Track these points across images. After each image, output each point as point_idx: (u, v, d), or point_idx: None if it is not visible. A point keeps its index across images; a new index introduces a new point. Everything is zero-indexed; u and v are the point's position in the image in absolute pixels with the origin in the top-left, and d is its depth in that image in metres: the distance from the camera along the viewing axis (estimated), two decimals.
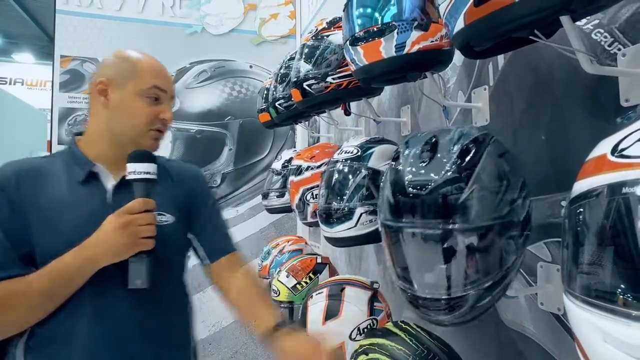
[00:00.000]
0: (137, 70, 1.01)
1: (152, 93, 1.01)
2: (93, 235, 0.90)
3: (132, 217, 0.90)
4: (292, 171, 1.44)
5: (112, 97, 1.00)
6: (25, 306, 0.87)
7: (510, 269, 0.69)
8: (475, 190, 0.65)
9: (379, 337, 0.89)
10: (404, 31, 0.83)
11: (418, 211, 0.70)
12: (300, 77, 1.26)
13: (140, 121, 1.00)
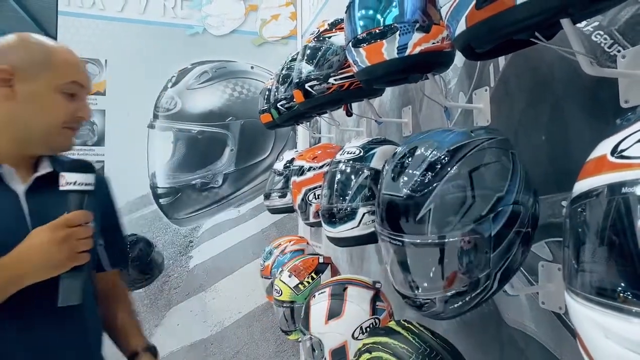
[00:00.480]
0: (53, 61, 0.92)
1: (70, 88, 0.93)
2: (16, 250, 0.82)
3: (71, 231, 0.84)
4: (294, 172, 1.45)
5: (20, 89, 0.89)
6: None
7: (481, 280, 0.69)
8: (433, 209, 0.66)
9: (382, 335, 0.90)
10: (406, 33, 0.84)
11: (386, 221, 0.72)
12: (302, 78, 1.27)
13: (56, 118, 0.92)
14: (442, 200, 0.66)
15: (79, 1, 2.62)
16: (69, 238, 0.84)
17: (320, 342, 1.21)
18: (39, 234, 0.83)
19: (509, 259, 0.68)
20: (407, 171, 0.70)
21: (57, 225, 0.84)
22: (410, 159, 0.72)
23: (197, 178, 2.68)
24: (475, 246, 0.66)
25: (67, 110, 0.93)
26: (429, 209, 0.66)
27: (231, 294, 2.71)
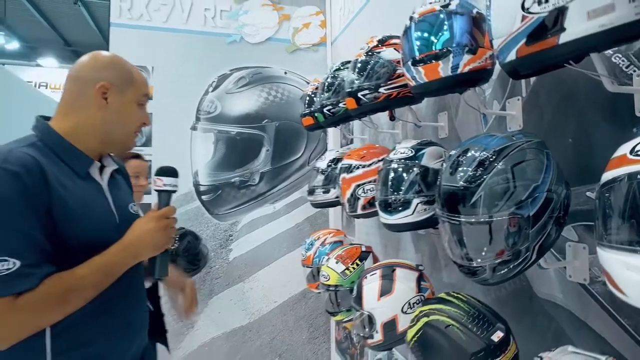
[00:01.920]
0: (134, 79, 1.11)
1: (142, 100, 1.13)
2: (131, 235, 1.03)
3: (169, 221, 1.08)
4: (343, 169, 1.64)
5: (112, 101, 1.06)
6: (81, 299, 0.95)
7: (522, 252, 0.87)
8: (483, 195, 0.85)
9: (436, 303, 1.09)
10: (458, 55, 1.02)
11: (446, 206, 0.91)
12: (354, 88, 1.46)
13: (134, 125, 1.12)
14: (491, 189, 0.85)
15: (128, 13, 2.84)
16: (167, 226, 1.07)
17: (372, 317, 1.39)
18: (147, 223, 1.05)
19: (544, 235, 0.87)
20: (462, 168, 0.89)
21: (159, 217, 1.06)
22: (463, 158, 0.91)
23: (236, 176, 2.89)
24: (516, 224, 0.85)
25: (139, 118, 1.13)
26: (480, 196, 0.85)
27: (267, 285, 2.91)
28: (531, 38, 0.72)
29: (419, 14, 1.10)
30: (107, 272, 0.99)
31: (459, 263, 0.93)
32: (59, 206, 0.94)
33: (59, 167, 1.00)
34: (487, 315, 1.01)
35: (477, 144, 0.91)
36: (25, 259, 0.88)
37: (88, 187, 1.06)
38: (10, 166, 0.90)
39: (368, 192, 1.56)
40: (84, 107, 1.06)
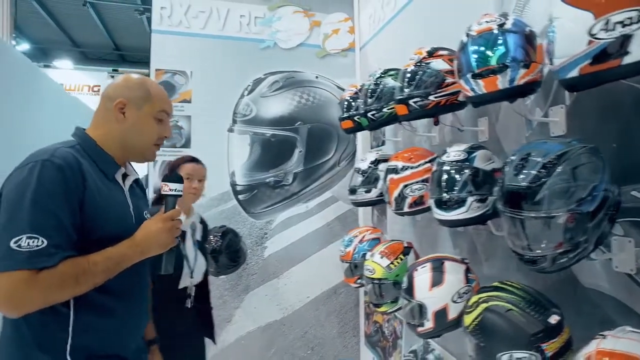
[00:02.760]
0: (151, 95, 1.22)
1: (160, 116, 1.24)
2: (141, 232, 1.14)
3: (174, 222, 1.19)
4: (390, 170, 1.76)
5: (129, 116, 1.19)
6: (91, 282, 1.05)
7: (580, 243, 1.00)
8: (546, 194, 0.97)
9: (492, 291, 1.21)
10: (515, 70, 1.15)
11: (509, 203, 1.04)
12: (405, 95, 1.58)
13: (150, 139, 1.23)
14: (553, 188, 0.97)
15: (168, 20, 2.98)
16: (173, 228, 1.18)
17: (423, 306, 1.52)
18: (156, 224, 1.16)
19: (600, 229, 0.99)
20: (526, 170, 1.01)
21: (166, 218, 1.18)
22: (526, 161, 1.03)
23: (270, 176, 3.02)
24: (577, 219, 0.97)
25: (157, 132, 1.24)
26: (545, 194, 0.97)
27: (300, 281, 3.04)
28: (596, 59, 0.84)
29: (476, 32, 1.22)
30: (117, 263, 1.09)
31: (520, 253, 1.05)
32: (90, 201, 1.08)
33: (93, 168, 1.14)
34: (542, 301, 1.14)
35: (538, 149, 1.03)
36: (52, 239, 0.99)
37: (114, 188, 1.20)
38: (56, 160, 1.05)
39: (415, 191, 1.68)
40: (109, 120, 1.20)
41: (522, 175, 1.01)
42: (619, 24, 0.79)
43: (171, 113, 1.31)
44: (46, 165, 1.04)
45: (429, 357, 2.19)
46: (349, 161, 3.19)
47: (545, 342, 1.06)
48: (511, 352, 1.09)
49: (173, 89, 2.95)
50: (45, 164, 1.04)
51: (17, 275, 0.96)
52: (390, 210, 2.65)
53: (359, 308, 3.14)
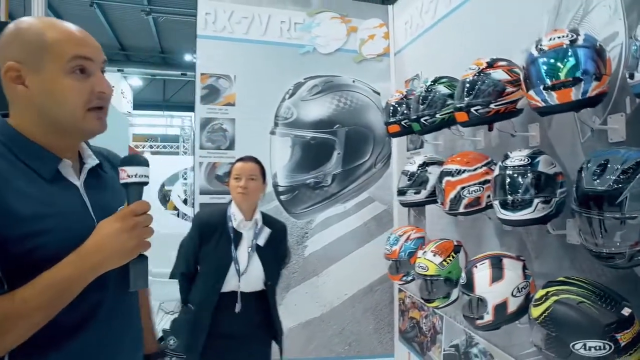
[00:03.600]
0: (49, 42, 0.83)
1: (75, 65, 0.85)
2: (90, 241, 0.83)
3: (137, 220, 0.85)
4: (446, 173, 1.86)
5: (31, 83, 0.84)
6: (25, 327, 0.76)
7: None
8: (627, 197, 1.08)
9: (561, 285, 1.31)
10: (588, 82, 1.25)
11: (586, 204, 1.14)
12: (465, 104, 1.69)
13: (73, 103, 0.86)
14: (633, 192, 1.07)
15: (213, 26, 3.10)
16: (136, 226, 0.85)
17: (483, 300, 1.62)
18: (111, 224, 0.84)
19: None
20: (605, 175, 1.12)
21: (125, 215, 0.85)
22: (604, 167, 1.13)
23: (310, 178, 3.13)
24: None
25: (81, 91, 0.86)
26: (626, 197, 1.07)
27: (338, 279, 3.15)
28: None
29: (548, 47, 1.33)
30: (60, 290, 0.79)
31: (596, 250, 1.15)
32: (11, 220, 0.78)
33: (16, 171, 0.83)
34: (612, 294, 1.24)
35: (614, 155, 1.14)
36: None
37: (57, 191, 0.88)
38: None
39: (472, 193, 1.78)
40: (13, 98, 0.87)
41: (601, 180, 1.12)
42: None
43: (97, 56, 0.89)
44: None
45: (472, 350, 2.29)
46: (385, 163, 3.30)
47: (619, 332, 1.16)
48: (585, 341, 1.19)
49: (217, 93, 3.07)
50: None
51: None
52: (429, 211, 2.77)
53: (394, 305, 3.25)
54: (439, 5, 2.72)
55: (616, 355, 1.16)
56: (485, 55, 1.91)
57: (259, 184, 2.06)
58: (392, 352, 3.23)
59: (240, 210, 2.02)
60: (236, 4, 3.13)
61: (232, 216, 2.01)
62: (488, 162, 1.82)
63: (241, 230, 2.02)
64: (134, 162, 0.91)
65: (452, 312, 2.50)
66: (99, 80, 0.88)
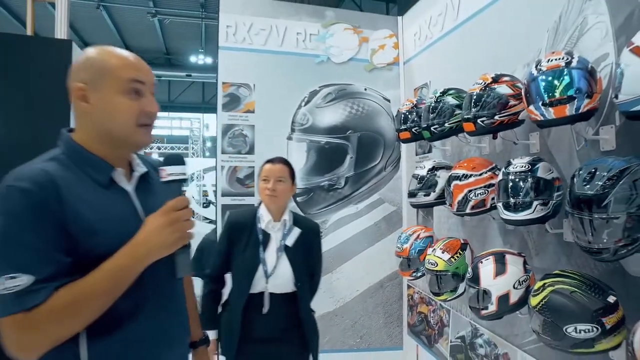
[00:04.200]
0: (110, 66, 0.98)
1: (130, 87, 0.99)
2: (140, 234, 0.95)
3: (178, 214, 0.97)
4: (454, 177, 2.04)
5: (92, 101, 0.98)
6: (94, 307, 0.91)
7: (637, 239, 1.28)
8: (611, 200, 1.26)
9: (556, 277, 1.49)
10: (580, 100, 1.43)
11: (577, 206, 1.32)
12: (473, 115, 1.87)
13: (126, 119, 0.99)
14: (617, 196, 1.26)
15: (233, 37, 3.30)
16: (177, 220, 0.96)
17: (487, 292, 1.80)
18: (155, 220, 0.96)
19: None
20: (594, 181, 1.30)
21: (167, 210, 0.97)
22: (593, 174, 1.31)
23: (325, 180, 3.33)
24: (634, 220, 1.25)
25: (134, 109, 1.00)
26: (610, 200, 1.25)
27: (351, 275, 3.34)
28: None
29: (546, 67, 1.51)
30: (117, 277, 0.93)
31: (586, 246, 1.34)
32: (75, 220, 0.92)
33: (79, 179, 0.97)
34: (600, 285, 1.42)
35: (602, 164, 1.32)
36: (35, 273, 0.86)
37: (112, 196, 1.02)
38: (21, 183, 0.89)
39: (478, 195, 1.97)
40: (79, 115, 1.02)
41: (590, 185, 1.30)
42: None
43: (149, 80, 1.04)
44: (11, 192, 0.89)
45: (477, 341, 2.47)
46: (394, 166, 3.48)
47: (606, 317, 1.35)
48: (576, 325, 1.37)
49: (238, 100, 3.26)
50: (10, 190, 0.89)
51: (9, 321, 0.86)
52: (436, 212, 2.95)
53: (403, 301, 3.43)
54: (447, 19, 2.91)
55: (602, 336, 1.35)
56: (489, 67, 2.10)
57: (287, 186, 2.05)
58: (400, 345, 3.41)
59: (268, 211, 2.03)
60: (255, 16, 3.32)
61: (260, 217, 2.02)
62: (492, 168, 2.00)
63: (269, 231, 2.01)
64: (172, 162, 1.02)
65: (458, 305, 2.68)
66: (149, 101, 1.03)
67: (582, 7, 1.76)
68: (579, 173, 1.36)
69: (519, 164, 1.70)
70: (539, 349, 1.97)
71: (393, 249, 3.13)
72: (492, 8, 2.41)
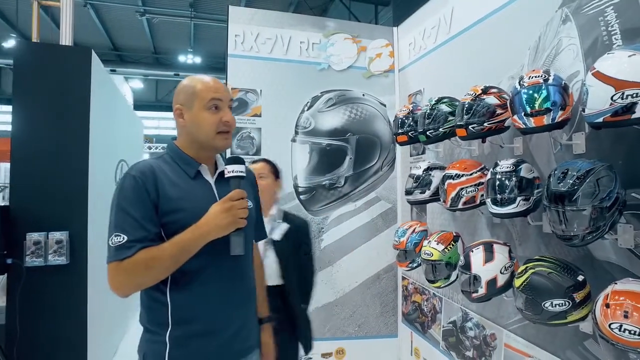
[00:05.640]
0: (197, 91, 1.29)
1: (211, 104, 1.28)
2: (204, 217, 1.21)
3: (233, 203, 1.22)
4: (448, 177, 2.31)
5: (186, 118, 1.31)
6: (162, 267, 1.19)
7: (600, 227, 1.55)
8: (579, 195, 1.53)
9: (535, 261, 1.76)
10: (556, 111, 1.70)
11: (554, 200, 1.59)
12: (465, 122, 2.14)
13: (209, 129, 1.29)
14: (585, 192, 1.53)
15: (241, 46, 3.53)
16: (231, 208, 1.23)
17: (478, 277, 2.07)
18: (215, 206, 1.24)
19: (612, 218, 1.54)
20: (566, 180, 1.57)
21: (225, 200, 1.24)
22: (565, 174, 1.58)
23: (326, 180, 3.58)
24: (600, 211, 1.52)
25: (214, 121, 1.29)
26: (579, 195, 1.52)
27: (350, 268, 3.59)
28: (615, 114, 1.40)
29: (528, 83, 1.78)
30: (183, 247, 1.19)
31: (560, 234, 1.61)
32: (165, 199, 1.23)
33: (174, 171, 1.30)
34: (571, 267, 1.69)
35: (572, 166, 1.59)
36: (130, 235, 1.17)
37: (196, 184, 1.32)
38: (133, 172, 1.25)
39: (469, 192, 2.24)
40: (180, 128, 1.36)
41: (563, 183, 1.57)
42: (629, 96, 1.35)
43: (225, 98, 1.33)
44: (127, 177, 1.24)
45: (467, 324, 2.74)
46: (390, 166, 3.75)
47: (576, 292, 1.62)
48: (552, 300, 1.64)
49: (246, 105, 3.49)
50: (127, 176, 1.25)
51: (111, 266, 1.18)
52: (429, 208, 3.22)
53: (397, 291, 3.69)
54: (440, 32, 3.18)
55: (573, 309, 1.62)
56: (478, 78, 2.37)
57: (269, 181, 2.20)
58: (395, 333, 3.67)
59: None
60: (262, 26, 3.56)
61: None
62: (482, 168, 2.27)
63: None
64: (233, 162, 1.31)
65: (450, 293, 2.95)
66: (225, 114, 1.33)
67: (558, 30, 2.04)
68: (554, 173, 1.63)
69: (505, 164, 1.97)
70: (521, 328, 2.25)
71: (389, 244, 3.40)
72: (481, 25, 2.69)
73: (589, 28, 1.86)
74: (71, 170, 3.07)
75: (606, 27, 1.78)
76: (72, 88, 3.10)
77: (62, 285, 2.98)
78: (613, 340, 1.34)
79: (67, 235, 2.99)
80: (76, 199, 3.07)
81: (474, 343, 2.64)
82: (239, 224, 1.25)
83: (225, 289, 1.33)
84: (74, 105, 3.09)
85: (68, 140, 3.07)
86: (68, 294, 3.01)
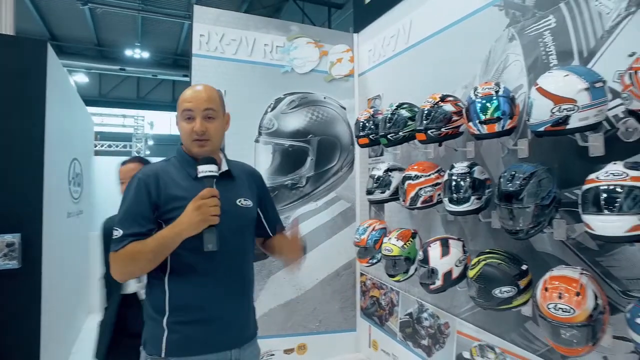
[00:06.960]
0: (178, 102, 1.42)
1: (185, 115, 1.39)
2: (180, 215, 1.28)
3: (203, 201, 1.27)
4: (407, 177, 2.49)
5: (178, 126, 1.44)
6: (145, 259, 1.30)
7: (541, 222, 1.77)
8: (525, 195, 1.75)
9: (487, 254, 1.97)
10: (505, 120, 1.91)
11: (504, 199, 1.80)
12: (424, 127, 2.32)
13: (186, 137, 1.41)
14: (529, 191, 1.74)
15: (206, 46, 3.55)
16: (202, 206, 1.27)
17: (434, 269, 2.26)
18: (189, 205, 1.29)
19: (550, 215, 1.77)
20: (514, 181, 1.78)
21: (196, 199, 1.29)
22: (513, 176, 1.79)
23: (288, 180, 3.68)
24: (541, 208, 1.74)
25: (188, 130, 1.40)
26: (524, 194, 1.74)
27: (311, 265, 3.70)
28: (554, 124, 1.62)
29: (482, 94, 1.98)
30: (161, 243, 1.29)
31: (508, 229, 1.81)
32: (167, 199, 1.35)
33: (178, 172, 1.42)
34: (517, 258, 1.91)
35: (519, 168, 1.80)
36: (125, 229, 1.31)
37: (198, 184, 1.35)
38: (139, 174, 1.40)
39: (427, 192, 2.43)
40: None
41: (511, 184, 1.78)
42: (565, 109, 1.57)
43: (198, 107, 1.40)
44: (134, 179, 1.39)
45: (423, 315, 2.95)
46: (349, 167, 3.91)
47: (520, 280, 1.84)
48: (501, 287, 1.85)
49: None
50: (134, 177, 1.40)
51: (110, 256, 1.33)
52: (387, 207, 3.40)
53: (356, 287, 3.86)
54: (399, 41, 3.38)
55: (518, 295, 1.84)
56: (434, 86, 2.57)
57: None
58: (354, 327, 3.84)
59: None
60: (227, 27, 3.60)
61: None
62: (438, 170, 2.47)
63: None
64: (205, 162, 1.35)
65: (406, 287, 3.15)
66: (197, 123, 1.40)
67: (505, 47, 2.28)
68: (503, 174, 1.84)
69: (460, 167, 2.17)
70: (472, 315, 2.47)
71: (348, 241, 3.56)
72: (437, 37, 2.90)
73: (531, 47, 2.10)
74: (25, 168, 2.95)
75: (544, 48, 2.03)
76: (26, 82, 3.00)
77: (13, 291, 2.83)
78: (550, 318, 1.56)
79: (20, 237, 2.85)
80: (30, 199, 2.94)
81: (429, 332, 2.84)
82: (211, 221, 1.29)
83: (221, 280, 1.41)
84: (28, 100, 3.00)
85: (22, 135, 2.96)
86: (20, 301, 2.85)
